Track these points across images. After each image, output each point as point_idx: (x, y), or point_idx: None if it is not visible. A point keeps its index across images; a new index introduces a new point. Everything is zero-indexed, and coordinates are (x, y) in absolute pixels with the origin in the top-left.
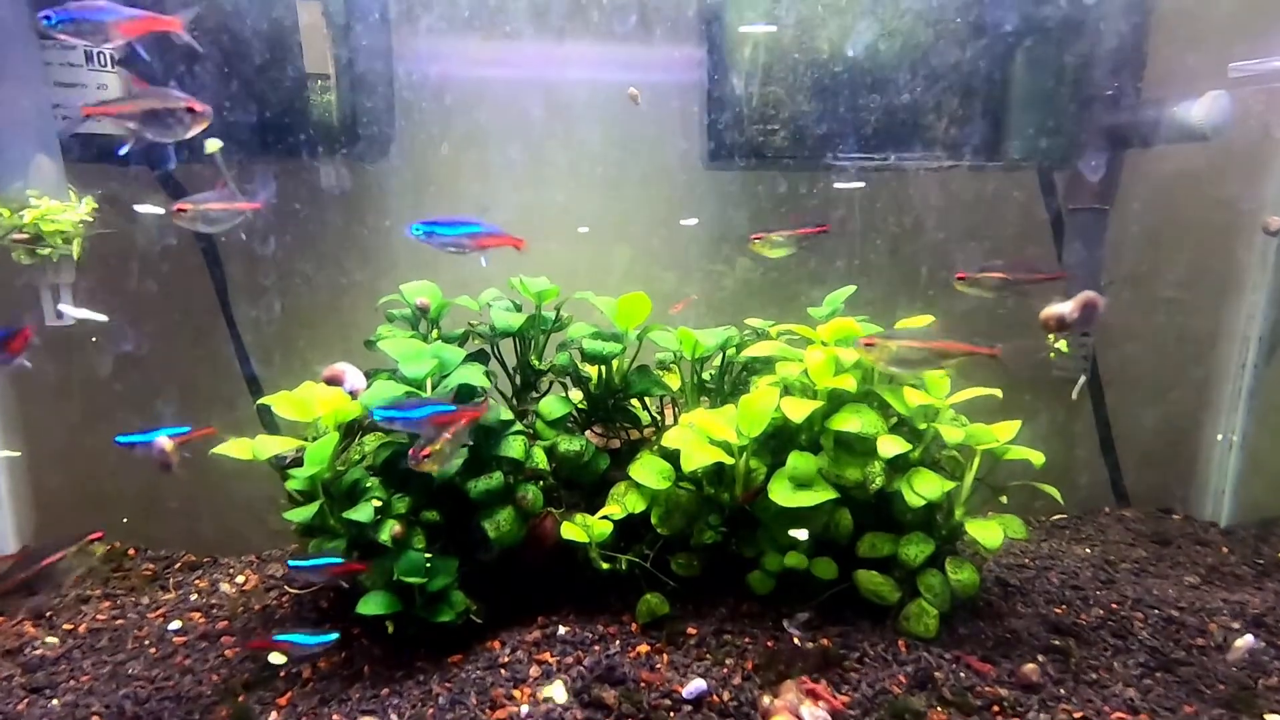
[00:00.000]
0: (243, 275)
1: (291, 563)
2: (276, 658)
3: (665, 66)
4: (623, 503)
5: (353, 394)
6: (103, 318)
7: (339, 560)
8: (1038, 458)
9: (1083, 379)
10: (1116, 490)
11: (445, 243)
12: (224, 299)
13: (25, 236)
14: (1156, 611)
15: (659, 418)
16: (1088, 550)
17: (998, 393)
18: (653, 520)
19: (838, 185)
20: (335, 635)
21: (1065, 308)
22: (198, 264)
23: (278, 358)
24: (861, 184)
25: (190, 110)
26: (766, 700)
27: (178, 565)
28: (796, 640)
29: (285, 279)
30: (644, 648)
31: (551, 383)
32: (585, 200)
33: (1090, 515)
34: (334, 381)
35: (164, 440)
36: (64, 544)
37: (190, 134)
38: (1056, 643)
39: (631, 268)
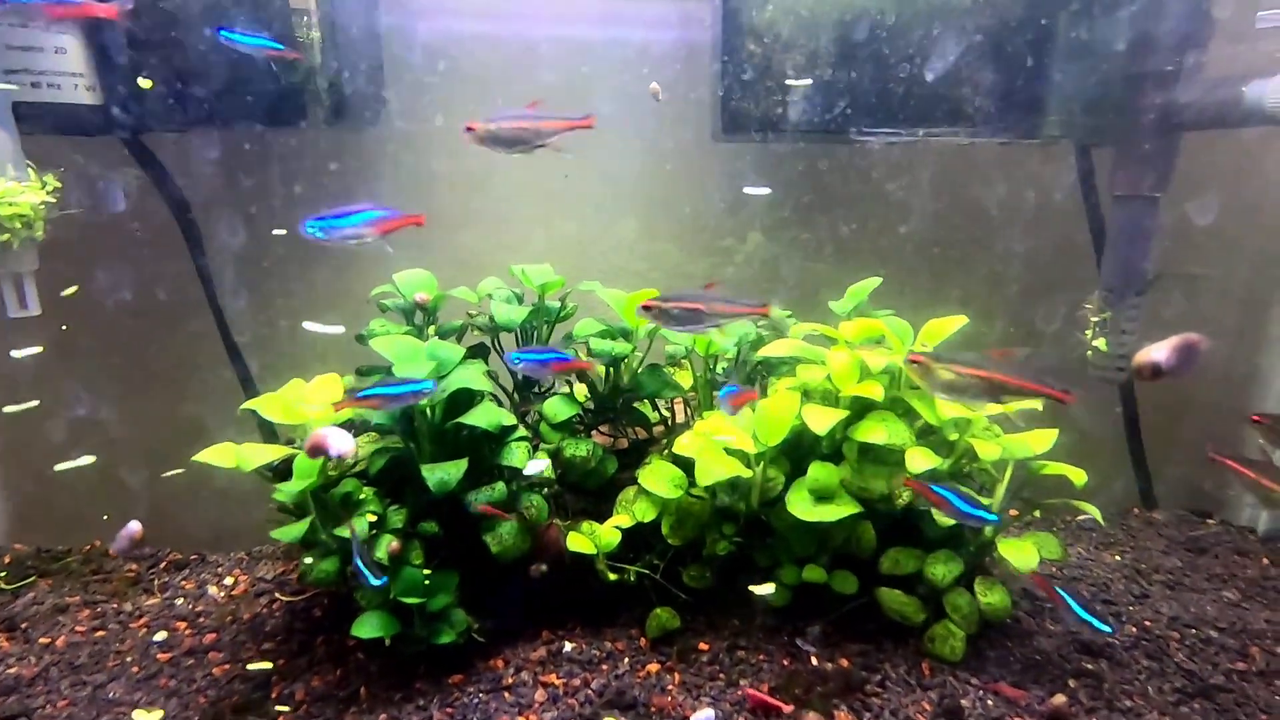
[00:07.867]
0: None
1: (514, 355)
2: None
3: (676, 23)
4: (632, 511)
5: (339, 458)
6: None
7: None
8: (1079, 476)
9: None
10: (1144, 492)
11: (345, 236)
12: (209, 287)
13: None
14: (1194, 631)
15: (668, 415)
16: (1117, 558)
17: (1038, 405)
18: (663, 530)
19: (858, 161)
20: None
21: (1160, 354)
22: (176, 245)
23: (268, 349)
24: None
25: None
26: None
27: (162, 565)
28: (814, 660)
29: (273, 265)
30: (654, 666)
31: (555, 379)
32: (591, 172)
33: (1118, 518)
34: (318, 450)
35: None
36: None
37: None
38: (1088, 665)
39: (636, 244)
